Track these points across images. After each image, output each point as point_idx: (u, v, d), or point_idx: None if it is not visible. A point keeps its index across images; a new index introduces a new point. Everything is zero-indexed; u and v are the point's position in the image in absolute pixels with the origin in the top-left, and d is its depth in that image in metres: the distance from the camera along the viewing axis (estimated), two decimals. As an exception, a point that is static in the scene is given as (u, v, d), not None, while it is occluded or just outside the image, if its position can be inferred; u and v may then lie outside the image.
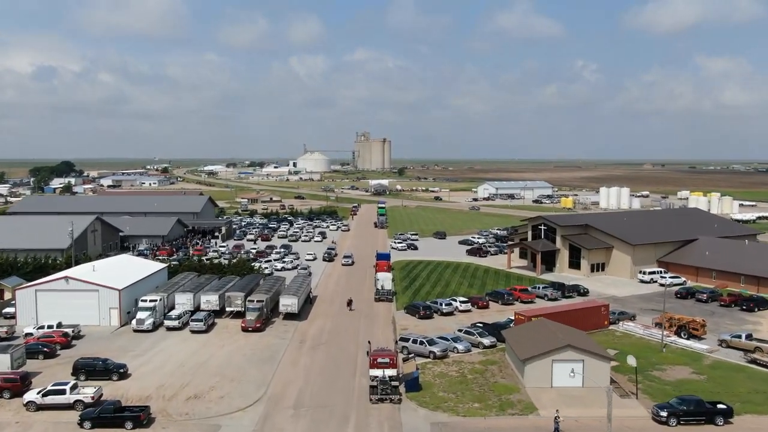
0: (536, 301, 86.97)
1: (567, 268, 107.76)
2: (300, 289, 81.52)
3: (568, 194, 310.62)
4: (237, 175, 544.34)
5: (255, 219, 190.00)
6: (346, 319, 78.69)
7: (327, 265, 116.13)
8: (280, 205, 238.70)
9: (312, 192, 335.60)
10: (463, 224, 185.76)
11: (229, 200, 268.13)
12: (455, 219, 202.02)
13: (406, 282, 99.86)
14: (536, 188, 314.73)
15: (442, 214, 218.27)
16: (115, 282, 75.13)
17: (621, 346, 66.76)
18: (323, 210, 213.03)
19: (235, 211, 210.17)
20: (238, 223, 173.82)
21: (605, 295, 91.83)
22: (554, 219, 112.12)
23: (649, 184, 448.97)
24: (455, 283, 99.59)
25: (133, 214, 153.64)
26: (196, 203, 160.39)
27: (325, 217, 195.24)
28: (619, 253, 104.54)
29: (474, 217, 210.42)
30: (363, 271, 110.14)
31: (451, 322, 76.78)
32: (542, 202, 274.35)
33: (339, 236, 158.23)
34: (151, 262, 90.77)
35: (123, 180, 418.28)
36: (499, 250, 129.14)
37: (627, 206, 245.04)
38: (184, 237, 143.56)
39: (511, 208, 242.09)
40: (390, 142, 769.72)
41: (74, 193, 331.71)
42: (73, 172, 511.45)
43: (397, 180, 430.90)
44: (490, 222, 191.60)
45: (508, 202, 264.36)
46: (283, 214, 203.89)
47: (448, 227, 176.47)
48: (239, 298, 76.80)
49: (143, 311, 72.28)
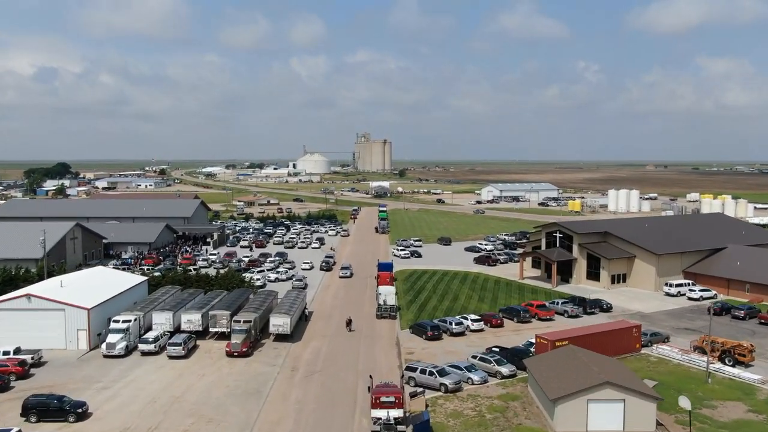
0: (555, 318, 78.64)
1: (585, 279, 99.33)
2: (293, 306, 73.09)
3: (574, 197, 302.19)
4: (235, 177, 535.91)
5: (250, 223, 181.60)
6: (344, 340, 70.26)
7: (325, 276, 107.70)
8: (278, 209, 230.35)
9: (311, 194, 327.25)
10: (468, 229, 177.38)
11: (226, 203, 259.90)
12: (459, 223, 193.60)
13: (410, 295, 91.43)
14: (541, 190, 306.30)
15: (445, 218, 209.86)
16: (84, 299, 66.71)
17: (658, 376, 58.34)
18: (322, 214, 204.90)
19: (230, 215, 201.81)
20: (232, 229, 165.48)
21: (629, 310, 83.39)
22: (571, 226, 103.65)
23: (654, 185, 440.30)
24: (464, 297, 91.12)
25: (121, 219, 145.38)
26: (187, 207, 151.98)
27: (323, 222, 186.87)
28: (642, 263, 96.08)
29: (479, 221, 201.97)
30: (363, 283, 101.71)
31: (463, 344, 68.37)
32: (548, 204, 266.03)
33: (338, 242, 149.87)
34: (130, 276, 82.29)
35: (118, 182, 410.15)
36: (509, 258, 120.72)
37: (636, 209, 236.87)
38: (173, 244, 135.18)
39: (516, 212, 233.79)
40: (391, 143, 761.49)
41: (67, 196, 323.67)
42: (68, 174, 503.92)
43: (397, 182, 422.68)
44: (497, 227, 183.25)
45: (513, 205, 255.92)
46: (280, 218, 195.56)
47: (452, 232, 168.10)
48: (224, 317, 68.39)
49: (115, 333, 63.86)
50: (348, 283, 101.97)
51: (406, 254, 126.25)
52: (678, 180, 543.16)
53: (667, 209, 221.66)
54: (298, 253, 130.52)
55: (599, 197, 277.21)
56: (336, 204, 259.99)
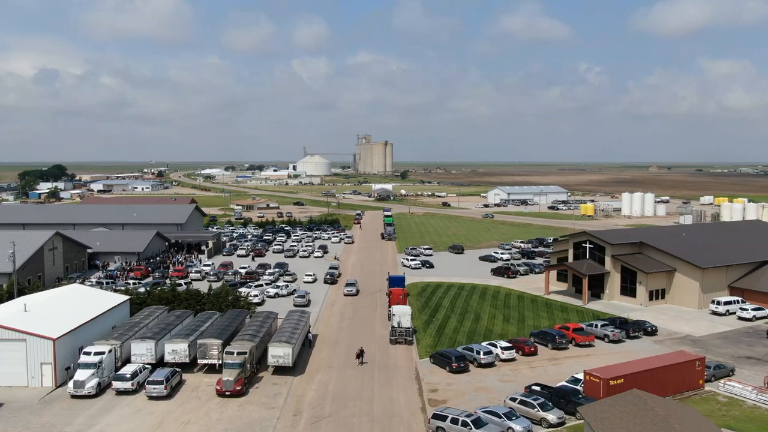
0: (595, 344, 68.82)
1: (618, 294, 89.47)
2: (296, 331, 63.22)
3: (585, 200, 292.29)
4: (235, 179, 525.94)
5: (249, 230, 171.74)
6: (355, 374, 60.33)
7: (329, 290, 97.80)
8: (277, 213, 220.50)
9: (312, 197, 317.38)
10: (479, 235, 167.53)
11: (224, 207, 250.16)
12: (469, 229, 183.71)
13: (426, 314, 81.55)
14: (550, 193, 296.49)
15: (453, 223, 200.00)
16: (50, 327, 56.85)
17: (736, 423, 48.52)
18: (324, 219, 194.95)
19: (228, 220, 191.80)
20: (229, 235, 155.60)
21: (677, 333, 73.55)
22: (602, 235, 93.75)
23: (662, 187, 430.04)
24: (487, 316, 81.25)
25: (110, 225, 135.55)
26: (181, 213, 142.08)
27: (326, 227, 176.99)
28: (683, 277, 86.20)
29: (489, 226, 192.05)
30: (372, 299, 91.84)
31: (494, 378, 58.55)
32: (558, 208, 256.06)
33: (342, 250, 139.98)
34: (110, 295, 72.26)
35: (114, 184, 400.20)
36: (529, 269, 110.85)
37: (651, 213, 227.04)
38: (165, 253, 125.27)
39: (527, 216, 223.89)
40: (392, 144, 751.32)
41: (60, 199, 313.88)
42: (64, 176, 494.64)
43: (400, 184, 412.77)
44: (509, 233, 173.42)
45: (523, 209, 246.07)
46: (280, 223, 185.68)
47: (462, 239, 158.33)
48: (215, 347, 58.53)
49: (85, 368, 53.95)
50: (355, 299, 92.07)
51: (416, 264, 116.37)
52: (685, 182, 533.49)
53: (684, 213, 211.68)
54: (299, 264, 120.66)
55: (611, 200, 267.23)
56: (338, 207, 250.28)
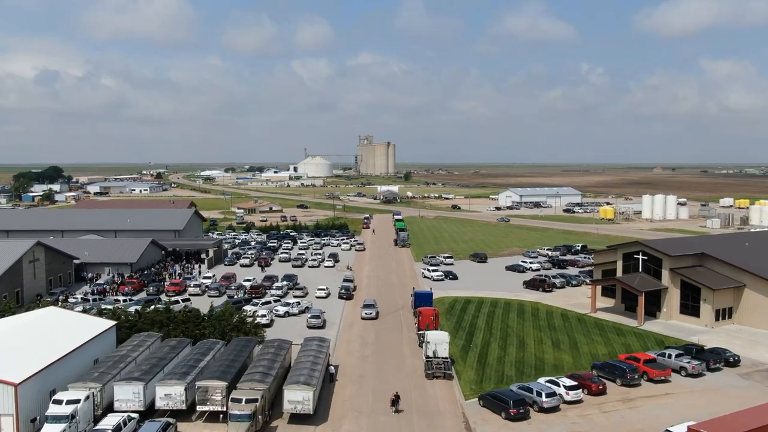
0: (672, 378, 57.70)
1: (677, 313, 78.31)
2: (315, 368, 52.07)
3: (599, 202, 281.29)
4: (235, 181, 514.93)
5: (252, 235, 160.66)
6: (390, 423, 49.13)
7: (346, 307, 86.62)
8: (281, 217, 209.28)
9: (316, 200, 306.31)
10: (498, 241, 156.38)
11: (224, 210, 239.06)
12: (486, 234, 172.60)
13: (461, 338, 70.41)
14: (563, 195, 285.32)
15: (467, 227, 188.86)
16: (12, 368, 45.71)
17: None
18: (331, 223, 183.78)
19: (229, 225, 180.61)
20: (231, 242, 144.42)
21: (763, 364, 62.42)
22: (658, 246, 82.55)
23: (673, 189, 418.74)
24: (532, 340, 70.16)
25: (101, 232, 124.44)
26: (179, 219, 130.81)
27: (334, 232, 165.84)
28: (755, 294, 75.08)
29: (506, 231, 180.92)
30: (395, 320, 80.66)
31: (562, 429, 47.43)
32: (573, 211, 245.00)
33: (353, 258, 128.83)
34: (93, 320, 60.69)
35: (112, 186, 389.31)
36: (566, 281, 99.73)
37: (673, 216, 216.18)
38: (160, 263, 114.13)
39: (542, 219, 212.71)
40: (394, 146, 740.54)
41: (55, 202, 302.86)
42: (60, 178, 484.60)
43: (405, 185, 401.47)
44: (529, 238, 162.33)
45: (537, 212, 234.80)
46: (285, 228, 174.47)
47: (482, 245, 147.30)
48: (219, 390, 47.40)
49: (54, 423, 42.88)
50: (376, 319, 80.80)
51: (439, 276, 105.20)
52: (694, 183, 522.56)
53: (710, 216, 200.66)
54: (308, 275, 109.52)
55: (629, 203, 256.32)
56: (344, 210, 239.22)
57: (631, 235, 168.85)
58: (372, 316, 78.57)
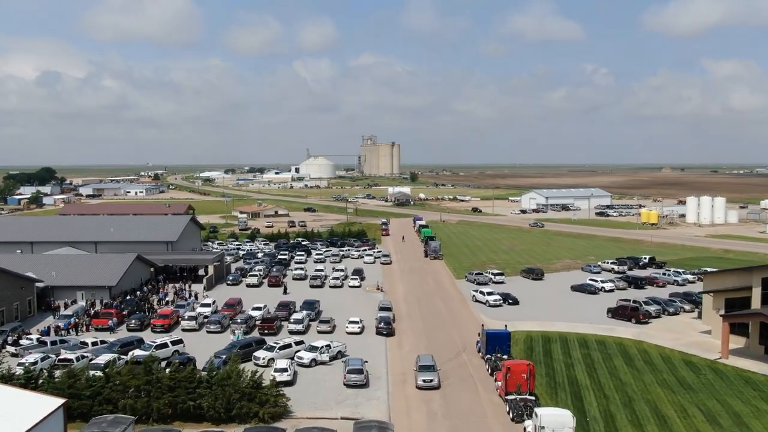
0: None
1: None
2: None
3: (632, 204, 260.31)
4: (235, 183, 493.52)
5: (257, 244, 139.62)
6: None
7: (388, 348, 65.46)
8: (289, 222, 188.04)
9: (322, 202, 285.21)
10: (543, 251, 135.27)
11: (225, 214, 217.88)
12: (524, 242, 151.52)
13: (564, 402, 49.30)
14: (592, 197, 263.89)
15: (499, 234, 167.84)
16: None
17: None
18: (347, 229, 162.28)
19: (231, 232, 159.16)
20: (234, 253, 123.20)
21: None
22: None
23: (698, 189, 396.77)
24: (672, 409, 48.98)
25: (78, 244, 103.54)
26: (172, 228, 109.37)
27: (352, 240, 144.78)
28: None
29: (545, 238, 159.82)
30: (462, 372, 59.46)
31: None
32: (607, 214, 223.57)
33: (380, 273, 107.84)
34: (30, 399, 39.60)
35: (105, 189, 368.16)
36: (661, 308, 78.62)
37: (722, 220, 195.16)
38: (152, 282, 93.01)
39: (578, 224, 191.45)
40: (399, 146, 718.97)
41: (42, 205, 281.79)
42: (53, 180, 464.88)
43: (413, 187, 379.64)
44: (577, 248, 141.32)
45: (571, 216, 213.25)
46: (295, 235, 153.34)
47: (525, 256, 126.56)
48: None
49: None
50: (435, 367, 59.68)
51: (496, 300, 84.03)
52: (712, 183, 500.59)
53: (764, 221, 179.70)
54: (331, 297, 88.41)
55: (670, 205, 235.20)
56: (356, 214, 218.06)
57: (691, 243, 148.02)
58: (434, 385, 55.03)
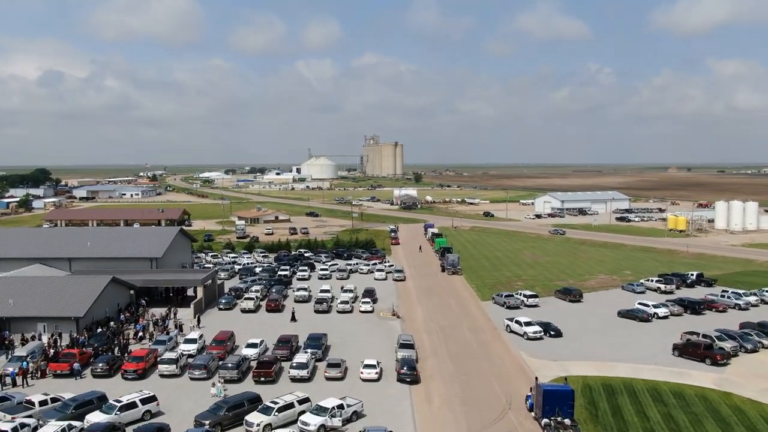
0: None
1: None
2: None
3: (651, 208, 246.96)
4: (235, 184, 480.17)
5: (255, 256, 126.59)
6: None
7: (414, 404, 52.36)
8: (290, 229, 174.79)
9: (325, 206, 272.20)
10: (571, 264, 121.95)
11: (222, 219, 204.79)
12: (548, 252, 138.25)
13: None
14: (609, 200, 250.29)
15: (518, 243, 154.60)
16: None
17: None
18: (353, 238, 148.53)
19: (227, 243, 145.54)
20: (229, 268, 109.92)
21: None
22: None
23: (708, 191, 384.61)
24: None
25: (50, 261, 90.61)
26: (157, 242, 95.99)
27: (359, 252, 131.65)
28: None
29: (570, 248, 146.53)
30: (513, 436, 46.51)
31: None
32: (629, 219, 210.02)
33: (394, 293, 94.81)
34: None
35: (100, 191, 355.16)
36: (738, 345, 65.45)
37: (754, 226, 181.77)
38: (130, 308, 79.91)
39: (600, 231, 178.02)
40: (402, 146, 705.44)
41: (31, 209, 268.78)
42: (48, 181, 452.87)
43: (418, 188, 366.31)
44: (607, 260, 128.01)
45: (591, 221, 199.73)
46: (296, 245, 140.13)
47: (553, 270, 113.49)
48: None
49: None
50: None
51: (535, 332, 70.87)
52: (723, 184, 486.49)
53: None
54: (340, 327, 75.27)
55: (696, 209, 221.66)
56: (362, 219, 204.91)
57: (732, 254, 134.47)
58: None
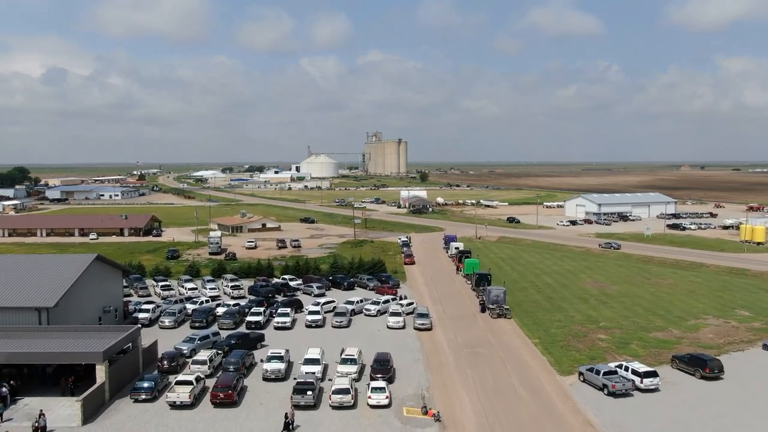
0: None
1: None
2: None
3: (701, 212, 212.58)
4: (228, 183, 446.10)
5: (223, 286, 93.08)
6: None
7: None
8: (278, 242, 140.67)
9: (324, 209, 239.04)
10: (653, 298, 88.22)
11: (201, 226, 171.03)
12: (608, 276, 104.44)
13: None
14: (652, 204, 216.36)
15: (565, 261, 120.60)
16: None
17: None
18: (356, 259, 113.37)
19: (190, 264, 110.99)
20: (178, 310, 76.03)
21: None
22: None
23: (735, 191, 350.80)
24: None
25: None
26: (53, 281, 61.96)
27: (365, 279, 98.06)
28: None
29: (636, 271, 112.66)
30: None
31: None
32: (683, 227, 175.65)
33: (421, 359, 61.26)
34: None
35: (76, 191, 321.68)
36: None
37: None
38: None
39: (654, 243, 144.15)
40: (406, 143, 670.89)
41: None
42: (26, 180, 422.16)
43: (425, 188, 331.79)
44: (695, 288, 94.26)
45: (644, 230, 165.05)
46: (281, 270, 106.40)
47: (637, 309, 79.72)
48: None
49: None
50: None
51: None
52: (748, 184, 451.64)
53: None
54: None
55: (746, 212, 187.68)
56: (365, 227, 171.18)
57: None
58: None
